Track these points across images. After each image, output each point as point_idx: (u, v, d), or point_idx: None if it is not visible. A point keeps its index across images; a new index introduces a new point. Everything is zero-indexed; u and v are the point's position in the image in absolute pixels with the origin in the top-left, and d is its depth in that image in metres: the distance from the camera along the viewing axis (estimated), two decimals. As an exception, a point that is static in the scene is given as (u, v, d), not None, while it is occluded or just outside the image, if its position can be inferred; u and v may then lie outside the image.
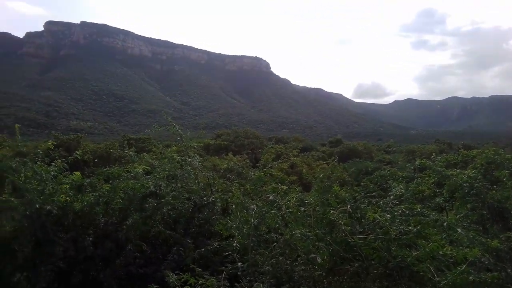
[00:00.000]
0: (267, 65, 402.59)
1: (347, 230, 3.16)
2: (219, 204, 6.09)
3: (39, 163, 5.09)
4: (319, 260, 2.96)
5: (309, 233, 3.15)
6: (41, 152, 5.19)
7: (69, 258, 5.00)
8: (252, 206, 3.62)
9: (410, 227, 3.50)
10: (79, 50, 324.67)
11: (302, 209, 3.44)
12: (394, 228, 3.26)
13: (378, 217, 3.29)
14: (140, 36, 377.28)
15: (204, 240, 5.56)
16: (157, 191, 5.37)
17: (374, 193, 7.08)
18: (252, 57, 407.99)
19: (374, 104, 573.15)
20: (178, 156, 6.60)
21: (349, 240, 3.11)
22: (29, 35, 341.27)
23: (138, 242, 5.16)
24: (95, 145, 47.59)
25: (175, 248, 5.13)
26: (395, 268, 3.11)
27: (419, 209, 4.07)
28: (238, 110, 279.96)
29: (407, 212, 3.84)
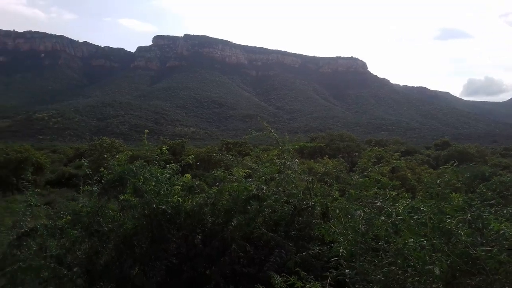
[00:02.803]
0: (363, 65, 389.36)
1: (467, 241, 2.88)
2: (319, 208, 6.03)
3: (155, 166, 5.59)
4: (437, 272, 2.74)
5: (425, 243, 2.94)
6: (157, 156, 5.70)
7: (181, 254, 5.38)
8: (358, 212, 3.51)
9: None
10: (182, 61, 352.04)
11: (415, 216, 3.22)
12: (524, 240, 2.88)
13: (504, 227, 2.94)
14: (237, 44, 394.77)
15: (304, 244, 5.54)
16: (259, 194, 5.51)
17: (493, 201, 6.35)
18: (347, 57, 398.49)
19: (487, 102, 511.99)
20: (277, 159, 6.70)
21: (471, 252, 2.83)
22: (140, 49, 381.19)
23: (242, 243, 5.34)
24: (197, 149, 51.06)
25: (277, 250, 5.21)
26: (527, 286, 2.75)
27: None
28: (333, 112, 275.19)
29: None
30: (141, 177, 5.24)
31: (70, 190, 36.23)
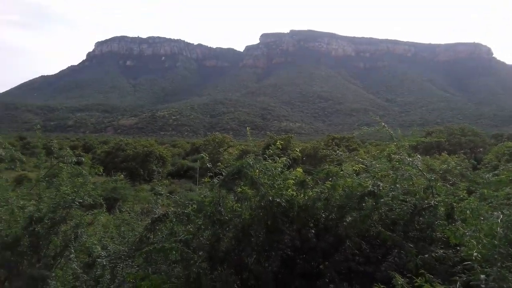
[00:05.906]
0: (488, 51, 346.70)
1: None
2: (443, 209, 5.59)
3: (268, 160, 5.79)
4: None
5: None
6: (272, 151, 5.90)
7: (295, 247, 5.49)
8: (496, 214, 3.16)
9: None
10: (288, 57, 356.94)
11: None
12: None
13: None
14: (343, 36, 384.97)
15: (426, 246, 5.19)
16: (375, 191, 5.32)
17: None
18: (468, 43, 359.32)
19: None
20: (394, 155, 6.39)
21: None
22: (248, 48, 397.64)
23: (357, 240, 5.23)
24: (303, 144, 51.31)
25: (395, 250, 4.98)
26: None
27: None
28: (452, 104, 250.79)
29: None
30: (257, 170, 5.47)
31: (188, 181, 39.62)
